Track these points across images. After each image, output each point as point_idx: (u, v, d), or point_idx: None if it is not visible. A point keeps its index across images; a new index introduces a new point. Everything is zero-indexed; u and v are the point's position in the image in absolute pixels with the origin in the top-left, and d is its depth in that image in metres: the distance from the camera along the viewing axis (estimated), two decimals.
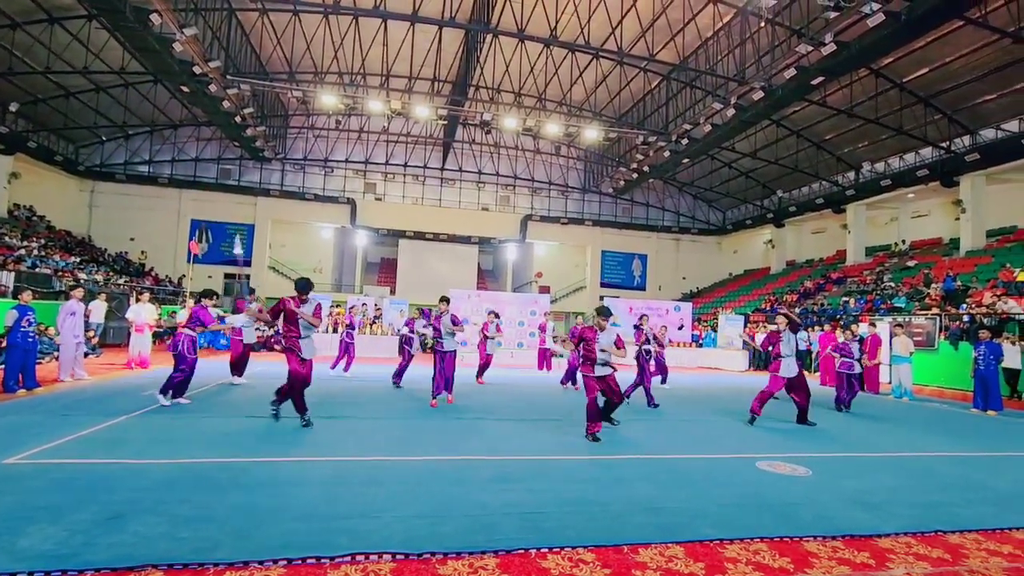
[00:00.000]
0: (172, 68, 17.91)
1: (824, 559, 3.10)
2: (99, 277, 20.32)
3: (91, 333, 12.54)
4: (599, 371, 6.17)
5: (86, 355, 10.55)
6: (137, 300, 12.11)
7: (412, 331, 10.75)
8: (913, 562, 3.13)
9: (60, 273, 18.03)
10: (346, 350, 11.71)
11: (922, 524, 3.74)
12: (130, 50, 18.66)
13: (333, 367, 11.70)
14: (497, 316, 12.09)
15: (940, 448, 6.67)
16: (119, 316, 15.63)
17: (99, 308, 13.06)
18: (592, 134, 22.88)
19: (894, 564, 3.09)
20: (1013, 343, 11.72)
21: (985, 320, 13.74)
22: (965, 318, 14.67)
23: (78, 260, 21.48)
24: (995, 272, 16.90)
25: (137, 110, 25.36)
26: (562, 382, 11.39)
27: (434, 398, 8.26)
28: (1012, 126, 19.60)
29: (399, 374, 10.13)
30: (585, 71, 23.04)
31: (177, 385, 7.27)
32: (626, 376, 8.21)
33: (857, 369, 10.02)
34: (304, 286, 6.26)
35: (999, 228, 21.42)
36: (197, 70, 17.80)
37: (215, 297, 8.13)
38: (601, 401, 6.36)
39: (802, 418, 7.67)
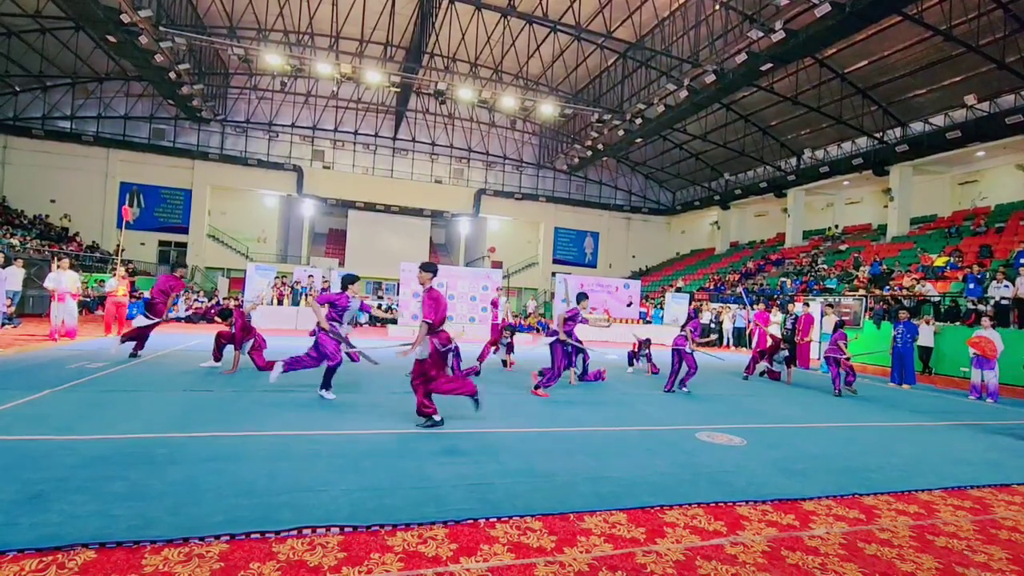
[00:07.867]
0: (96, 15, 16.41)
1: (755, 522, 3.32)
2: (15, 241, 18.73)
3: (8, 302, 11.59)
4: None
5: (3, 325, 9.76)
6: (57, 267, 11.24)
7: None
8: (833, 523, 3.40)
9: None
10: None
11: (841, 488, 4.06)
12: None
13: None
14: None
15: (859, 419, 7.21)
16: (38, 284, 14.51)
17: (16, 275, 12.03)
18: (548, 109, 22.76)
19: (816, 525, 3.34)
20: (927, 323, 12.71)
21: (905, 302, 14.79)
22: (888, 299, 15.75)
23: None
24: (916, 257, 18.18)
25: (56, 59, 23.21)
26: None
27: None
28: (938, 120, 20.91)
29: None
30: (543, 44, 22.77)
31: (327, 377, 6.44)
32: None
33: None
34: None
35: (921, 216, 23.00)
36: (125, 19, 16.37)
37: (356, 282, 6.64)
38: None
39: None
